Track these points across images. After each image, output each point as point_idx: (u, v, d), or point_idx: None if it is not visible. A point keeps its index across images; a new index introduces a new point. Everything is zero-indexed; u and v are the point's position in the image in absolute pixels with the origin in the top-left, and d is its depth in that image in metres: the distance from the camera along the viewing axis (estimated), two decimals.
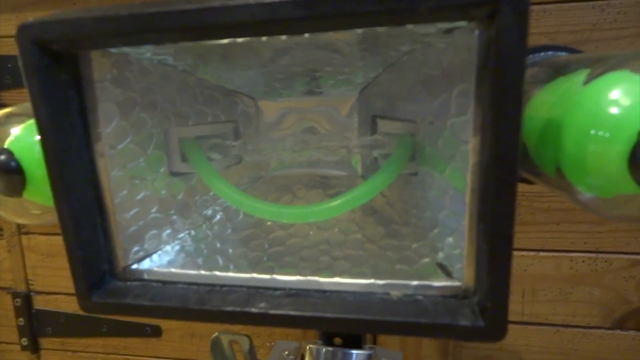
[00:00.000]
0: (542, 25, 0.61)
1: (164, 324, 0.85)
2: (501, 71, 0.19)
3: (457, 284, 0.24)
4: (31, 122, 0.32)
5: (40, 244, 0.87)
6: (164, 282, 0.27)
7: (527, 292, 0.71)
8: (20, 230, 0.87)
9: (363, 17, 0.19)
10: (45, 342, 0.91)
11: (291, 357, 0.47)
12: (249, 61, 0.29)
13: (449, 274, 0.25)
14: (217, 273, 0.27)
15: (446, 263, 0.25)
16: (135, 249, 0.29)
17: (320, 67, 0.31)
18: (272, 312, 0.24)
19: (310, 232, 0.29)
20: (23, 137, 0.31)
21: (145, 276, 0.28)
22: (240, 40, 0.22)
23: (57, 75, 0.24)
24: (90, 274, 0.27)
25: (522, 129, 0.20)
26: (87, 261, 0.27)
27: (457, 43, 0.22)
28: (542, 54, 0.33)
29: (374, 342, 0.72)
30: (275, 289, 0.26)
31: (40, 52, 0.23)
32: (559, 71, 0.25)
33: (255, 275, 0.26)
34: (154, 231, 0.29)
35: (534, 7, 0.60)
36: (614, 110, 0.22)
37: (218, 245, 0.30)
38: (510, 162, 0.20)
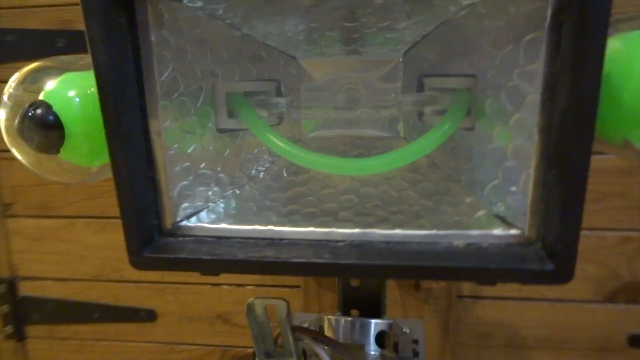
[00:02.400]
0: None
1: (160, 307, 0.83)
2: (588, 15, 0.19)
3: (518, 232, 0.25)
4: (67, 75, 0.30)
5: (28, 227, 0.83)
6: (219, 238, 0.27)
7: None
8: (5, 213, 0.84)
9: None
10: (31, 330, 0.88)
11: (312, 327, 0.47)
12: (294, 11, 0.29)
13: (508, 224, 0.25)
14: (274, 227, 0.26)
15: (505, 214, 0.26)
16: (185, 204, 0.28)
17: (364, 26, 0.30)
18: (339, 262, 0.24)
19: (361, 190, 0.29)
20: (60, 89, 0.29)
21: (198, 232, 0.27)
22: None
23: (115, 18, 0.23)
24: (142, 229, 0.26)
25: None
26: (139, 216, 0.26)
27: None
28: None
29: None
30: (337, 241, 0.25)
31: None
32: (615, 27, 0.26)
33: (313, 228, 0.26)
34: (201, 188, 0.29)
35: None
36: None
37: (267, 202, 0.29)
38: (591, 106, 0.20)
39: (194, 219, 0.28)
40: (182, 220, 0.28)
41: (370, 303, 0.46)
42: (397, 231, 0.25)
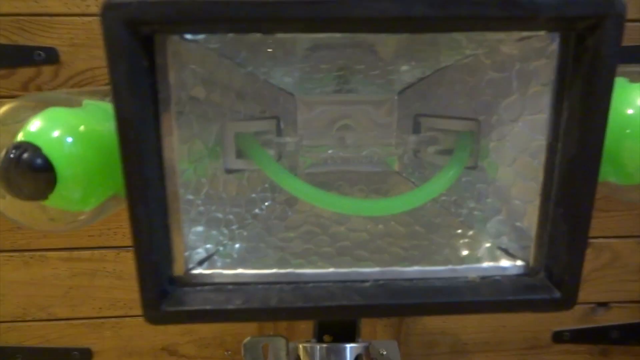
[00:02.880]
0: None
1: (96, 345, 0.76)
2: (597, 75, 0.22)
3: (524, 263, 0.27)
4: (52, 111, 0.27)
5: None
6: (238, 284, 0.26)
7: None
8: None
9: (488, 21, 0.21)
10: None
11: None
12: (291, 55, 0.29)
13: (512, 256, 0.28)
14: (295, 270, 0.26)
15: (509, 246, 0.28)
16: (197, 251, 0.27)
17: (362, 70, 0.32)
18: (371, 303, 0.25)
19: (368, 226, 0.30)
20: (47, 129, 0.26)
21: (215, 279, 0.26)
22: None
23: (138, 61, 0.22)
24: (158, 282, 0.25)
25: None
26: (155, 268, 0.24)
27: (530, 50, 0.25)
28: None
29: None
30: (362, 281, 0.26)
31: (129, 33, 0.21)
32: None
33: (334, 269, 0.26)
34: (213, 231, 0.28)
35: None
36: None
37: (278, 243, 0.29)
38: (597, 153, 0.23)
39: (206, 264, 0.27)
40: (195, 268, 0.26)
41: (344, 327, 0.47)
42: (416, 268, 0.27)
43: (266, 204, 0.32)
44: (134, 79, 0.22)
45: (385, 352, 0.46)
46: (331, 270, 0.26)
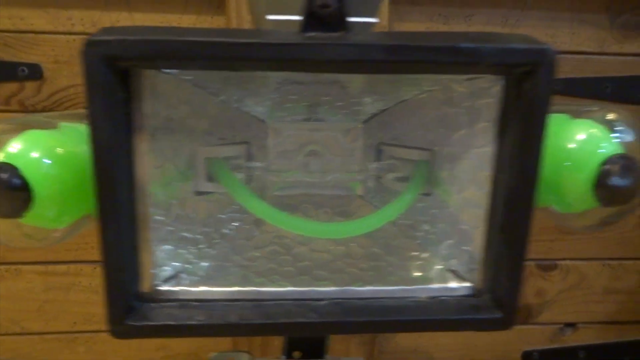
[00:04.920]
0: None
1: None
2: (534, 114, 0.25)
3: (470, 285, 0.29)
4: (28, 133, 0.29)
5: None
6: (202, 301, 0.27)
7: None
8: None
9: (435, 65, 0.23)
10: None
11: None
12: (262, 87, 0.32)
13: (461, 278, 0.30)
14: (257, 288, 0.28)
15: (458, 269, 0.30)
16: (165, 268, 0.28)
17: (327, 100, 0.34)
18: (326, 320, 0.26)
19: (330, 247, 0.32)
20: (25, 151, 0.28)
21: (180, 296, 0.27)
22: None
23: (115, 93, 0.24)
24: (124, 298, 0.26)
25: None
26: (123, 284, 0.26)
27: (478, 89, 0.28)
28: None
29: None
30: (319, 299, 0.28)
31: (106, 68, 0.22)
32: None
33: (294, 288, 0.28)
34: (181, 250, 0.29)
35: None
36: (581, 147, 0.30)
37: (244, 262, 0.31)
38: (533, 185, 0.26)
39: (173, 282, 0.28)
40: (161, 285, 0.28)
41: (314, 344, 0.48)
42: (371, 288, 0.28)
43: (234, 224, 0.34)
44: (110, 109, 0.23)
45: None
46: (290, 288, 0.28)
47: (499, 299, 0.28)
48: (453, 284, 0.29)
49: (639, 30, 0.76)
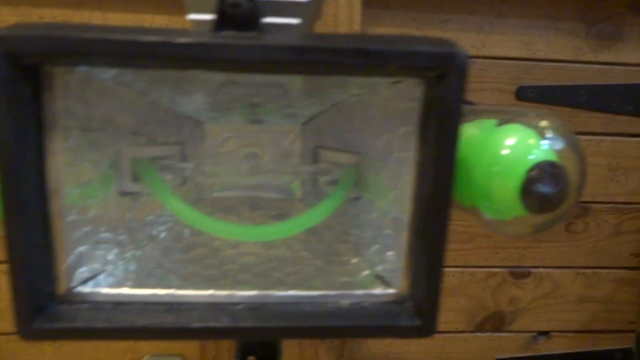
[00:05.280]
0: None
1: None
2: (445, 118, 0.24)
3: (394, 291, 0.29)
4: None
5: None
6: (117, 303, 0.27)
7: None
8: None
9: (343, 67, 0.23)
10: None
11: None
12: (198, 88, 0.31)
13: (387, 284, 0.29)
14: (174, 291, 0.27)
15: (384, 274, 0.30)
16: (81, 269, 0.28)
17: (266, 102, 0.34)
18: (237, 325, 0.26)
19: (260, 250, 0.32)
20: None
21: (95, 298, 0.27)
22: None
23: (20, 90, 0.23)
24: (34, 298, 0.26)
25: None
26: (31, 284, 0.25)
27: (402, 93, 0.28)
28: None
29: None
30: (236, 303, 0.27)
31: (9, 64, 0.22)
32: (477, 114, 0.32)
33: (213, 292, 0.28)
34: (100, 251, 0.29)
35: None
36: (510, 153, 0.29)
37: (168, 264, 0.30)
38: (447, 191, 0.25)
39: (91, 283, 0.28)
40: (77, 286, 0.27)
41: (267, 348, 0.48)
42: (291, 292, 0.28)
43: (164, 226, 0.33)
44: (15, 106, 0.23)
45: None
46: (209, 292, 0.28)
47: (418, 305, 0.27)
48: (377, 290, 0.29)
49: (614, 39, 0.76)
